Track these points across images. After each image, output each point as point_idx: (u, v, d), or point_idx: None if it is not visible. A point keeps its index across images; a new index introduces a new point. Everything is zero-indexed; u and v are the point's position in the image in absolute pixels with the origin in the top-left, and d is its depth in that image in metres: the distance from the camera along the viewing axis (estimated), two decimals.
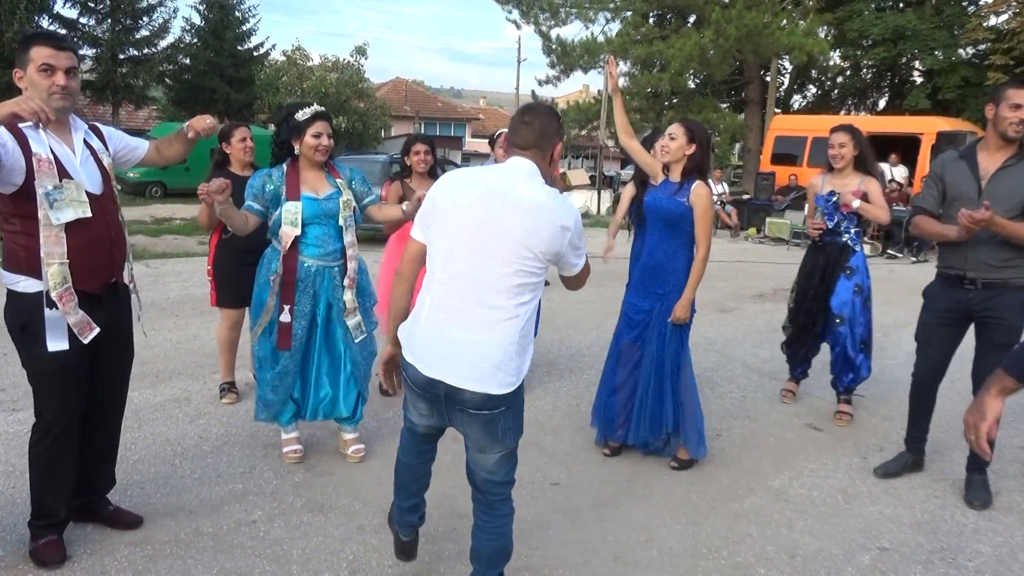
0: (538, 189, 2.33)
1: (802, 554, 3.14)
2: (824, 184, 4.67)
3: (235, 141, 4.54)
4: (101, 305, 2.84)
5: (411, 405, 2.53)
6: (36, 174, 2.61)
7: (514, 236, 2.27)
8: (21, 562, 2.85)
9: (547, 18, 21.34)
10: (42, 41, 2.69)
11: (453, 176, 2.42)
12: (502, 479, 2.51)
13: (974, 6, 23.02)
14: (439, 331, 2.32)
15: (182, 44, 30.48)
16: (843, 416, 4.73)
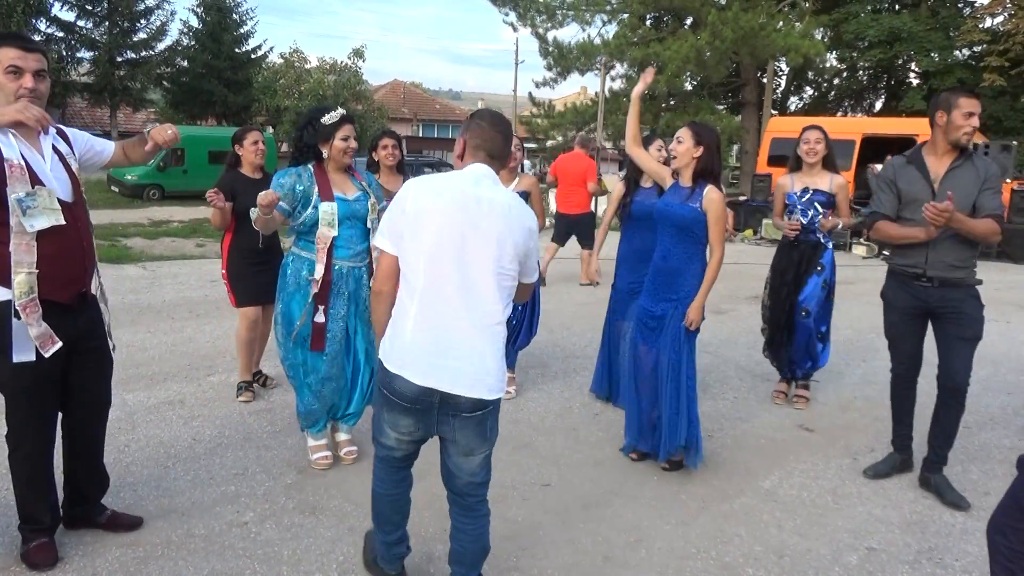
0: (503, 192, 2.39)
1: (790, 554, 3.16)
2: (794, 182, 4.81)
3: (247, 144, 4.62)
4: (72, 315, 2.78)
5: (389, 427, 2.47)
6: (8, 180, 2.54)
7: (495, 239, 2.30)
8: (14, 564, 2.87)
9: (543, 20, 21.37)
10: (9, 42, 2.61)
11: (419, 184, 2.39)
12: (482, 479, 2.54)
13: (970, 8, 23.12)
14: (432, 339, 2.31)
15: (180, 47, 30.59)
16: (800, 399, 5.04)
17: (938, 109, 3.58)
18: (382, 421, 2.48)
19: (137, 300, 7.54)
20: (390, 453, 2.55)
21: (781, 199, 4.88)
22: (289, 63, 33.00)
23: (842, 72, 26.87)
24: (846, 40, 23.14)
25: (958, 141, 3.52)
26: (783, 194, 4.86)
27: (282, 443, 4.10)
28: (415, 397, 2.34)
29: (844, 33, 22.80)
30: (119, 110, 29.94)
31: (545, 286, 10.51)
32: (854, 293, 9.16)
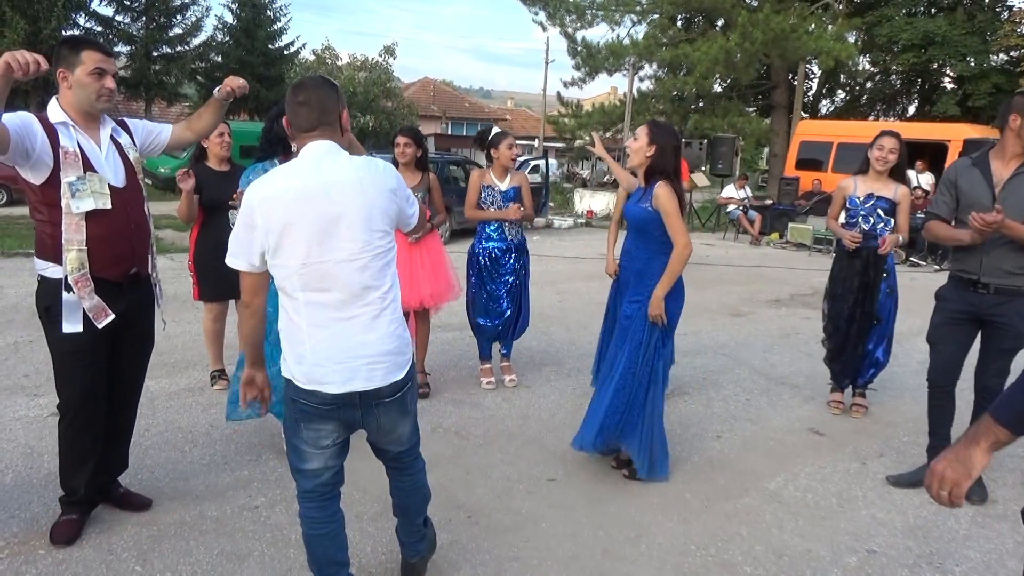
0: (349, 164, 2.24)
1: (789, 554, 3.18)
2: (858, 187, 4.66)
3: (212, 136, 4.63)
4: (122, 293, 2.98)
5: (309, 445, 2.34)
6: (62, 165, 2.78)
7: (355, 222, 2.18)
8: (34, 538, 3.00)
9: (573, 20, 21.36)
10: (94, 47, 2.87)
11: (259, 192, 2.20)
12: (411, 443, 2.57)
13: (1007, 12, 22.69)
14: (333, 347, 2.23)
15: (214, 42, 31.00)
16: (859, 409, 4.94)
17: (1012, 112, 3.50)
18: (300, 443, 2.35)
19: (164, 290, 7.68)
20: (318, 480, 2.39)
21: (841, 201, 4.75)
22: (321, 60, 33.33)
23: (875, 76, 26.54)
24: (879, 43, 22.85)
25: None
26: (844, 196, 4.72)
27: None
28: (334, 403, 2.27)
29: (877, 36, 22.50)
30: (154, 104, 30.45)
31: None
32: None
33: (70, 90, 2.85)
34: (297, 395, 2.31)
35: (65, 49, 2.87)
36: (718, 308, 8.42)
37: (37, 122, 2.78)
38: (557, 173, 34.10)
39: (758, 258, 13.01)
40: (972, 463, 1.64)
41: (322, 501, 2.44)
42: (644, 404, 3.70)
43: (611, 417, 3.71)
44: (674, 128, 3.84)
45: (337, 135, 2.30)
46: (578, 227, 16.93)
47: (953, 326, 3.73)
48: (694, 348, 6.53)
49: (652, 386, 3.71)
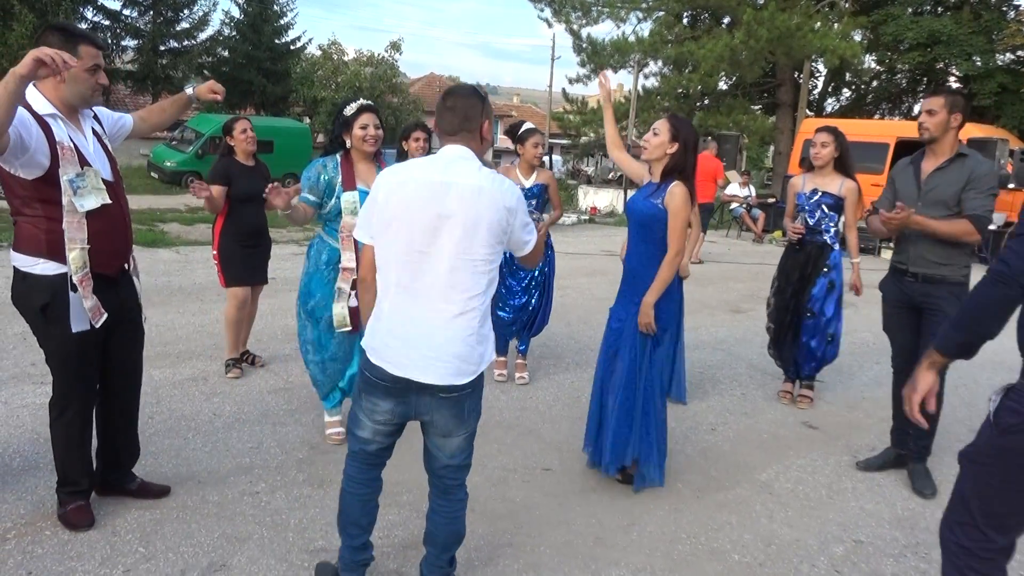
0: (476, 174, 2.32)
1: (778, 543, 3.25)
2: (805, 183, 4.84)
3: (237, 133, 4.87)
4: (116, 287, 3.00)
5: (366, 416, 2.47)
6: (60, 161, 2.74)
7: (465, 227, 2.27)
8: (40, 520, 3.07)
9: (579, 17, 21.41)
10: (89, 42, 2.84)
11: (391, 175, 2.36)
12: (461, 463, 2.56)
13: (1013, 12, 22.64)
14: (403, 332, 2.33)
15: (221, 37, 31.15)
16: (804, 399, 5.07)
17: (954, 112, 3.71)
18: (359, 410, 2.49)
19: (169, 282, 7.80)
20: (364, 447, 2.53)
21: (792, 199, 4.93)
22: (327, 55, 33.43)
23: (880, 74, 26.49)
24: (885, 42, 22.81)
25: (921, 137, 3.73)
26: (793, 194, 4.91)
27: (297, 421, 4.28)
28: (392, 381, 2.36)
29: (883, 35, 22.46)
30: (160, 98, 30.60)
31: (701, 262, 11.51)
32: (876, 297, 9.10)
33: (63, 83, 2.76)
34: (365, 366, 2.42)
35: (57, 39, 2.72)
36: (718, 304, 8.48)
37: (28, 113, 2.66)
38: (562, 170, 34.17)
39: (760, 256, 13.05)
40: (916, 380, 2.12)
41: (363, 464, 2.57)
42: (650, 415, 3.57)
43: (620, 435, 3.59)
44: (692, 123, 3.68)
45: (476, 143, 2.41)
46: (581, 223, 16.98)
47: (898, 314, 3.94)
48: (693, 343, 6.57)
49: (655, 396, 3.59)
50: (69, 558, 2.83)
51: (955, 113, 3.64)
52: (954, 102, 3.64)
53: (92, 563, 2.81)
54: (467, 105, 2.39)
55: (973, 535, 2.08)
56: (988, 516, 2.04)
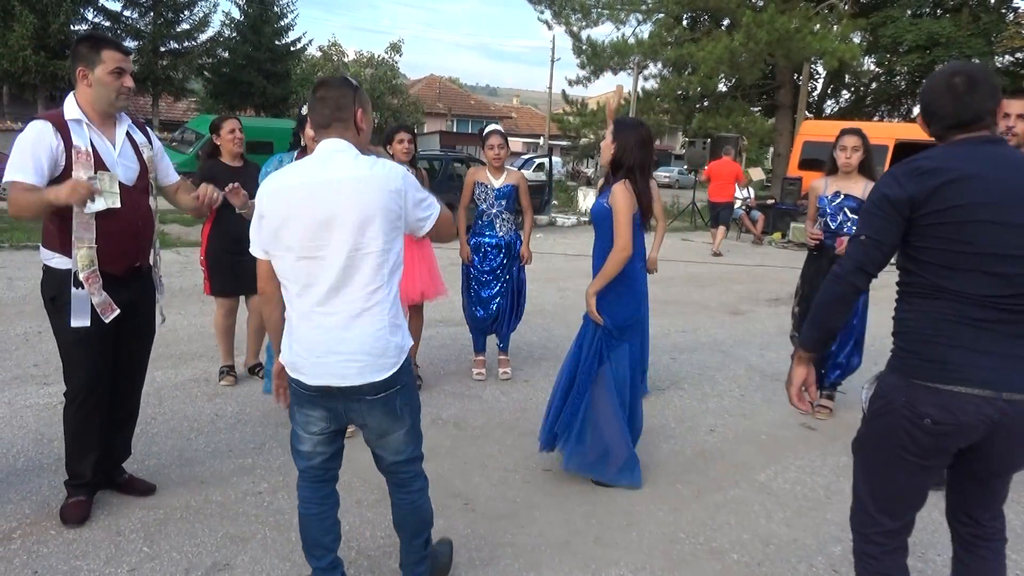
0: (354, 164, 2.26)
1: (776, 542, 3.28)
2: (828, 186, 4.75)
3: (224, 133, 4.74)
4: (124, 286, 3.08)
5: (301, 428, 2.45)
6: (74, 164, 2.86)
7: (350, 221, 2.20)
8: (45, 519, 3.11)
9: (578, 19, 21.44)
10: (113, 46, 2.95)
11: (270, 184, 2.30)
12: (409, 456, 2.53)
13: (1012, 14, 22.70)
14: (313, 340, 2.29)
15: (221, 38, 31.16)
16: (823, 410, 4.94)
17: None
18: (296, 425, 2.47)
19: (170, 284, 7.81)
20: (309, 463, 2.49)
21: (814, 203, 4.84)
22: (327, 56, 33.49)
23: (879, 76, 26.56)
24: (884, 44, 22.89)
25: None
26: (815, 197, 4.82)
27: None
28: (314, 389, 2.34)
29: (882, 37, 22.54)
30: (161, 99, 30.61)
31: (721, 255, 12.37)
32: (876, 299, 9.13)
33: (90, 88, 2.92)
34: (290, 380, 2.42)
35: (84, 47, 2.93)
36: (717, 306, 8.51)
37: (50, 130, 2.84)
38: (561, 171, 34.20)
39: (760, 257, 13.09)
40: (795, 375, 2.38)
41: (313, 482, 2.53)
42: (580, 406, 3.67)
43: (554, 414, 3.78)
44: (639, 123, 3.73)
45: (351, 134, 2.34)
46: (581, 225, 16.99)
47: None
48: (692, 344, 6.62)
49: (594, 389, 3.65)
50: (74, 557, 2.86)
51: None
52: None
53: (97, 562, 2.84)
54: (338, 95, 2.32)
55: (865, 520, 2.28)
56: (876, 500, 2.25)
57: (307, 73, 32.65)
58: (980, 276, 2.01)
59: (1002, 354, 2.00)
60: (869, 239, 2.12)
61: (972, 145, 2.07)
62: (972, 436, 2.05)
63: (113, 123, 3.05)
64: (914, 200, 2.04)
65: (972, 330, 2.01)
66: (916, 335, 2.10)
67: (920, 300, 2.10)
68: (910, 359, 2.10)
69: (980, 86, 2.07)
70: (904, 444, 2.11)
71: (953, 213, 2.00)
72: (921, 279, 2.09)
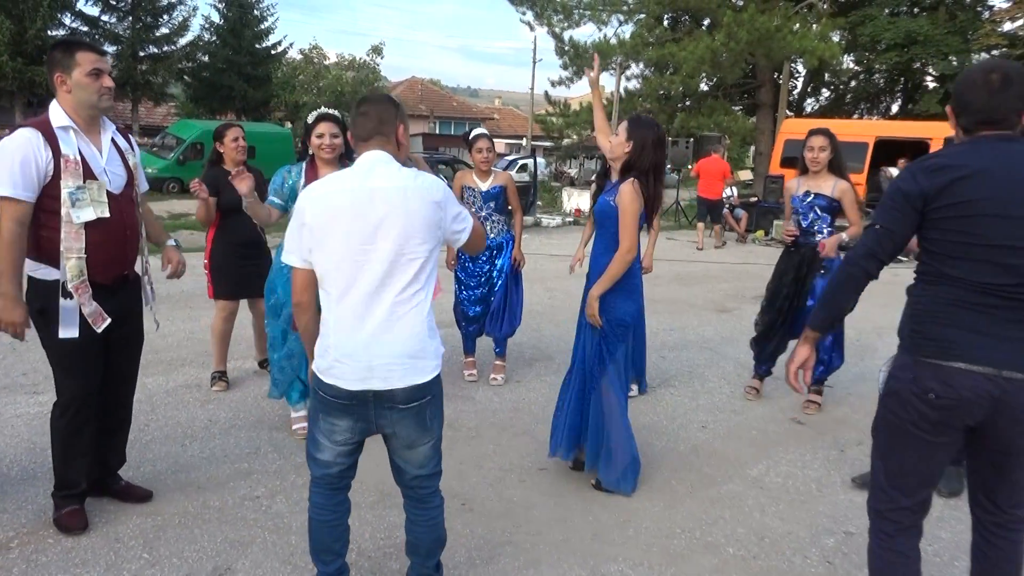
0: (396, 175, 2.34)
1: (770, 536, 3.33)
2: (800, 185, 4.87)
3: (227, 140, 4.78)
4: (112, 294, 3.06)
5: (324, 437, 2.43)
6: (62, 173, 2.83)
7: (397, 230, 2.27)
8: (42, 528, 3.10)
9: (560, 19, 21.48)
10: (86, 47, 2.92)
11: (313, 192, 2.36)
12: (431, 471, 2.54)
13: (988, 12, 23.01)
14: (354, 344, 2.30)
15: (201, 42, 31.00)
16: (811, 405, 5.01)
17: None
18: (318, 433, 2.44)
19: (156, 289, 7.76)
20: (326, 471, 2.49)
21: (788, 202, 4.96)
22: (308, 59, 33.36)
23: (858, 75, 26.82)
24: (862, 43, 23.11)
25: None
26: (789, 196, 4.94)
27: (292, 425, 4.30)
28: (348, 398, 2.34)
29: (861, 36, 22.75)
30: (140, 104, 30.40)
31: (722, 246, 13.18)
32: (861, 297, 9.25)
33: (70, 93, 2.88)
34: (319, 386, 2.39)
35: (58, 53, 2.89)
36: (704, 304, 8.58)
37: (38, 140, 2.79)
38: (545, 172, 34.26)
39: (744, 255, 13.19)
40: (795, 353, 2.51)
41: (327, 490, 2.52)
42: (603, 410, 3.64)
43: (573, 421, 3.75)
44: (655, 123, 3.71)
45: (392, 147, 2.43)
46: (566, 225, 17.05)
47: None
48: (680, 343, 6.68)
49: (602, 395, 3.63)
50: (74, 565, 2.86)
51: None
52: None
53: (97, 570, 2.84)
54: (381, 110, 2.42)
55: (881, 497, 2.40)
56: (889, 476, 2.36)
57: (288, 77, 32.52)
58: (985, 265, 2.13)
59: (1001, 336, 2.13)
60: (883, 228, 2.28)
61: (988, 143, 2.18)
62: (976, 413, 2.18)
63: (99, 129, 3.02)
64: (926, 194, 2.18)
65: (973, 313, 2.15)
66: (922, 316, 2.25)
67: (928, 286, 2.26)
68: (916, 338, 2.25)
69: (1014, 85, 2.17)
70: (912, 419, 2.24)
71: (961, 207, 2.13)
72: (930, 267, 2.24)
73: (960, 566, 3.17)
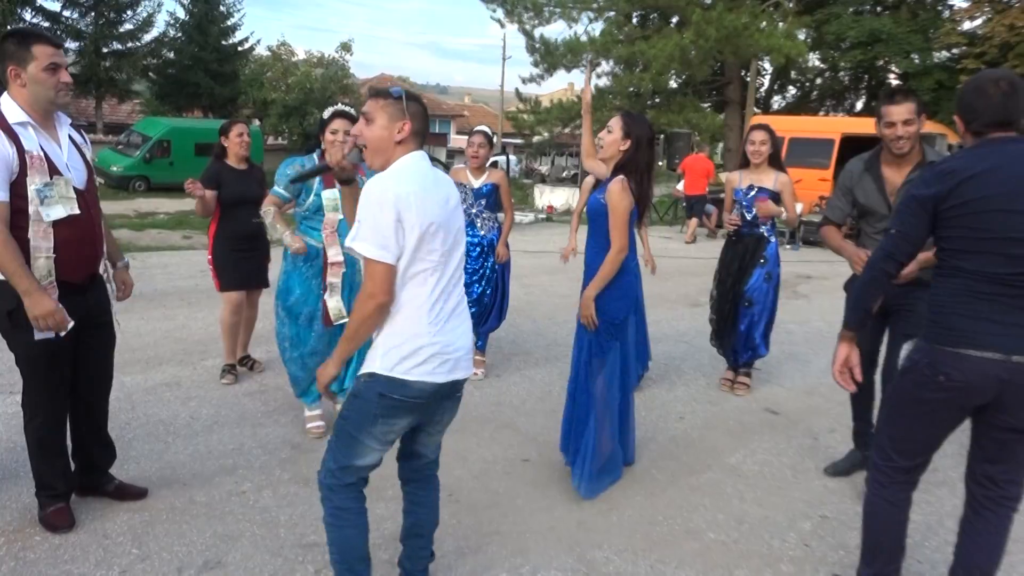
0: (443, 175, 2.49)
1: (749, 521, 3.43)
2: (742, 179, 5.07)
3: (233, 136, 4.86)
4: (83, 293, 3.01)
5: (377, 441, 2.34)
6: (28, 171, 2.73)
7: (457, 225, 2.43)
8: (28, 526, 3.08)
9: (531, 17, 21.58)
10: (44, 40, 2.80)
11: (410, 188, 2.22)
12: (438, 449, 2.69)
13: (948, 11, 23.54)
14: (447, 337, 2.32)
15: (166, 38, 30.48)
16: (741, 386, 5.25)
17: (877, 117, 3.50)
18: (369, 439, 2.33)
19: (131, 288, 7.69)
20: (360, 475, 2.42)
21: (730, 194, 5.15)
22: (276, 56, 32.98)
23: (824, 72, 27.30)
24: (828, 41, 23.55)
25: (891, 150, 3.45)
26: (731, 189, 5.13)
27: (276, 421, 4.32)
28: (435, 390, 2.32)
29: (826, 34, 23.18)
30: (104, 101, 29.86)
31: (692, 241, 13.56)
32: (827, 288, 9.48)
33: (24, 88, 2.76)
34: (391, 389, 2.26)
35: (12, 44, 2.76)
36: (677, 298, 8.71)
37: (1, 137, 2.69)
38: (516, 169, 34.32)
39: (712, 249, 13.33)
40: (839, 352, 2.69)
41: (359, 493, 2.45)
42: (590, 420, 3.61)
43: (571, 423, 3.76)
44: (647, 120, 3.68)
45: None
46: (539, 222, 17.15)
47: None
48: (655, 336, 6.75)
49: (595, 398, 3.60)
50: (63, 561, 2.85)
51: (922, 115, 3.40)
52: (921, 105, 3.40)
53: (87, 565, 2.84)
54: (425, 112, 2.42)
55: (881, 455, 2.66)
56: (893, 440, 2.61)
57: (256, 73, 32.13)
58: (993, 257, 2.31)
59: (1010, 323, 2.32)
60: (899, 232, 2.50)
61: (995, 145, 2.37)
62: (985, 394, 2.37)
63: (54, 124, 2.92)
64: (937, 197, 2.37)
65: (984, 302, 2.33)
66: (939, 307, 2.44)
67: (944, 279, 2.45)
68: (934, 328, 2.45)
69: (1019, 91, 2.37)
70: (922, 396, 2.48)
71: (970, 206, 2.32)
72: (946, 262, 2.44)
73: (931, 545, 3.30)
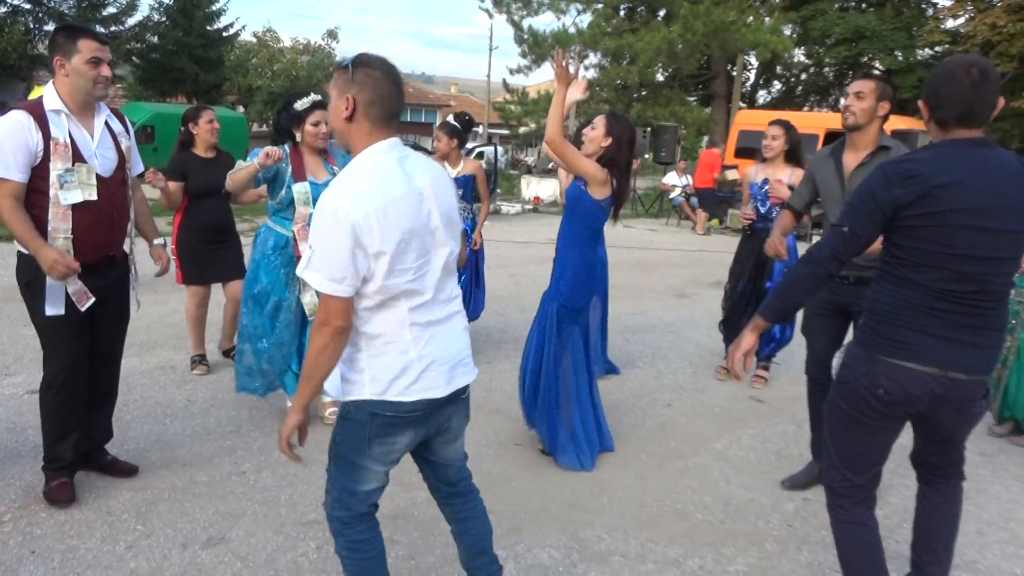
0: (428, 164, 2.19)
1: (735, 503, 3.55)
2: (757, 173, 5.15)
3: (202, 123, 4.70)
4: (99, 273, 3.13)
5: (376, 462, 2.14)
6: (52, 156, 2.90)
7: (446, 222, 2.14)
8: (33, 503, 3.15)
9: (519, 8, 21.62)
10: (90, 35, 2.98)
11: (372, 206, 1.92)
12: (465, 456, 2.46)
13: (932, 9, 23.82)
14: (436, 351, 2.12)
15: (150, 22, 30.20)
16: (759, 379, 5.33)
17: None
18: (364, 462, 2.13)
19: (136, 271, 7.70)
20: (368, 501, 2.22)
21: (746, 188, 5.23)
22: (262, 42, 32.81)
23: (809, 68, 27.55)
24: (813, 37, 23.79)
25: (845, 123, 3.43)
26: (747, 183, 5.21)
27: (272, 404, 4.38)
28: (430, 403, 2.13)
29: (811, 30, 23.43)
30: None
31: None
32: None
33: (67, 78, 2.95)
34: (382, 407, 2.08)
35: (61, 37, 2.97)
36: (664, 290, 8.83)
37: (29, 122, 2.87)
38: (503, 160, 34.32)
39: (700, 243, 13.52)
40: (742, 340, 2.54)
41: (372, 521, 2.26)
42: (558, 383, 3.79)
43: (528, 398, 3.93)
44: (630, 120, 3.83)
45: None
46: (526, 213, 17.22)
47: (824, 318, 3.63)
48: (643, 326, 6.90)
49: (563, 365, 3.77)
50: (69, 537, 2.93)
51: (883, 101, 3.38)
52: (884, 90, 3.38)
53: (93, 540, 2.91)
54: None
55: (834, 475, 2.53)
56: (841, 457, 2.50)
57: (241, 60, 31.94)
58: (949, 273, 2.20)
59: (952, 339, 2.25)
60: (850, 231, 2.31)
61: (961, 148, 2.20)
62: (919, 406, 2.33)
63: (92, 113, 3.09)
64: (898, 202, 2.20)
65: (930, 317, 2.24)
66: (882, 316, 2.33)
67: (891, 286, 2.32)
68: (874, 336, 2.35)
69: (991, 80, 2.19)
70: (861, 408, 2.38)
71: (934, 217, 2.18)
72: (894, 270, 2.30)
73: (908, 528, 3.42)
